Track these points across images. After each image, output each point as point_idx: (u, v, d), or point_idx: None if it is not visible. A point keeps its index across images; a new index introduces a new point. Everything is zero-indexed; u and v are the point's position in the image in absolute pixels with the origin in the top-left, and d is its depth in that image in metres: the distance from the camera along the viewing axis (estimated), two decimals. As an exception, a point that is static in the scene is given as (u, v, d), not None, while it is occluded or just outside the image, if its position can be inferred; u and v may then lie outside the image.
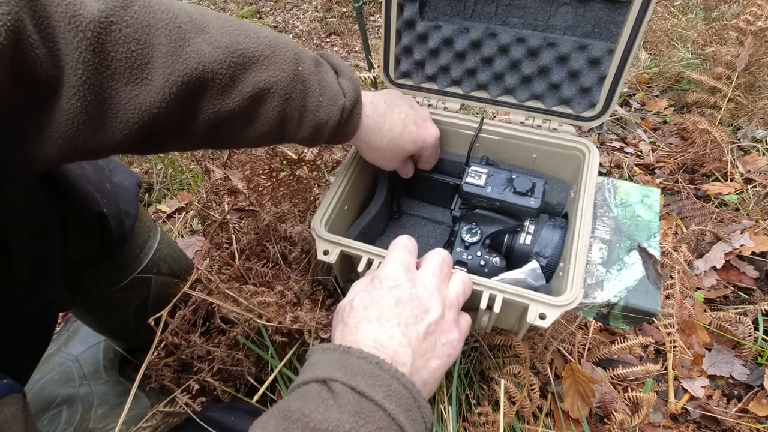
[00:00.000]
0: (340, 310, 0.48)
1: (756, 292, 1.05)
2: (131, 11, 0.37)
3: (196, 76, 0.41)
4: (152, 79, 0.38)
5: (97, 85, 0.35)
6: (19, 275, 0.51)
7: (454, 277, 0.52)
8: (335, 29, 2.39)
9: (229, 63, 0.43)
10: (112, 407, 0.80)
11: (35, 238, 0.53)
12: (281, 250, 0.80)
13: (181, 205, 1.36)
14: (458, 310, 0.50)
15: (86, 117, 0.36)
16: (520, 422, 0.76)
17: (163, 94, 0.39)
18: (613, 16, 0.63)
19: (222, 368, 0.75)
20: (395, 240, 0.54)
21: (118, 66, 0.36)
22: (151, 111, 0.38)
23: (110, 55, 0.36)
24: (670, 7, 1.99)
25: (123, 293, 0.74)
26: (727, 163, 1.31)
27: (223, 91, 0.44)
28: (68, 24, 0.33)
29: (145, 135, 0.40)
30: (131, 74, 0.37)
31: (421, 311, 0.45)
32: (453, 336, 0.46)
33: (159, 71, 0.38)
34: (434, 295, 0.46)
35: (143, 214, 0.76)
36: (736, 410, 0.88)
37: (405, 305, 0.45)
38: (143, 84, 0.38)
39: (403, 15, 0.73)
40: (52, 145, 0.35)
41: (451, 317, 0.47)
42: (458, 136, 0.79)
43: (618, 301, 0.58)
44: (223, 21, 0.45)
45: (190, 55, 0.40)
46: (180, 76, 0.39)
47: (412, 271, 0.49)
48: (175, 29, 0.40)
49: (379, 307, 0.44)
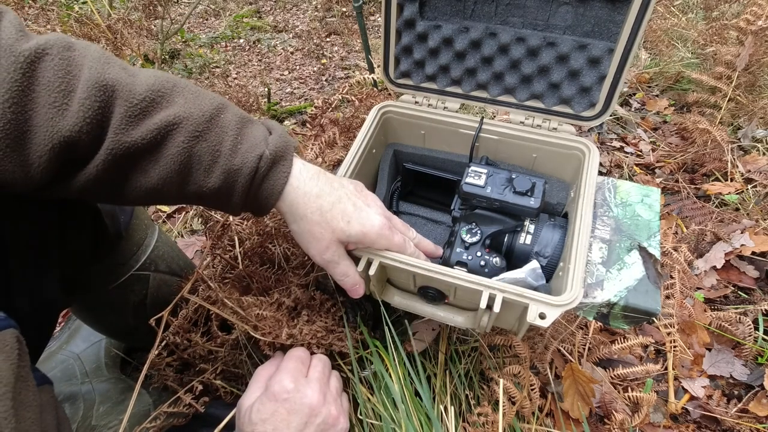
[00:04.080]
0: (241, 412, 0.57)
1: (756, 291, 1.05)
2: (68, 53, 0.41)
3: (111, 98, 0.42)
4: (71, 105, 0.40)
5: (20, 105, 0.38)
6: (17, 275, 0.51)
7: (332, 374, 0.64)
8: (335, 29, 2.39)
9: (144, 97, 0.44)
10: (114, 404, 0.80)
11: (33, 237, 0.53)
12: (284, 252, 0.80)
13: (181, 205, 1.36)
14: (338, 397, 0.61)
15: (4, 135, 0.38)
16: (520, 422, 0.76)
17: (77, 118, 0.40)
18: (613, 16, 0.63)
19: (224, 369, 0.75)
20: (290, 351, 0.64)
21: (42, 90, 0.39)
22: (64, 135, 0.40)
23: (38, 79, 0.39)
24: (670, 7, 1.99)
25: (121, 291, 0.74)
26: (727, 163, 1.31)
27: (130, 120, 0.43)
28: (4, 51, 0.37)
29: (59, 162, 0.41)
30: (54, 100, 0.40)
31: (311, 416, 0.55)
32: (341, 426, 0.58)
33: (78, 98, 0.40)
34: (319, 396, 0.56)
35: (140, 211, 0.76)
36: (736, 410, 0.88)
37: (296, 413, 0.54)
38: (62, 109, 0.40)
39: (403, 15, 0.72)
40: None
41: (336, 409, 0.58)
42: (458, 135, 0.79)
43: (618, 301, 0.58)
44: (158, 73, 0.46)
45: (108, 86, 0.42)
46: (96, 102, 0.41)
47: (300, 380, 0.58)
48: (104, 65, 0.42)
49: (274, 420, 0.54)
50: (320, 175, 0.56)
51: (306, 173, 0.54)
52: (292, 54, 2.27)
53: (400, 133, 0.84)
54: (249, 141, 0.50)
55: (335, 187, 0.56)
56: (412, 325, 0.86)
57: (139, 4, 1.96)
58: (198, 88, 0.49)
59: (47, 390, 0.44)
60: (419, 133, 0.82)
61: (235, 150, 0.49)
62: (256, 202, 0.53)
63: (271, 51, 2.30)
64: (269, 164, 0.51)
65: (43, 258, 0.55)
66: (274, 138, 0.52)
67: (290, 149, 0.53)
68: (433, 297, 0.66)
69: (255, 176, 0.50)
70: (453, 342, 0.87)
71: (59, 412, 0.44)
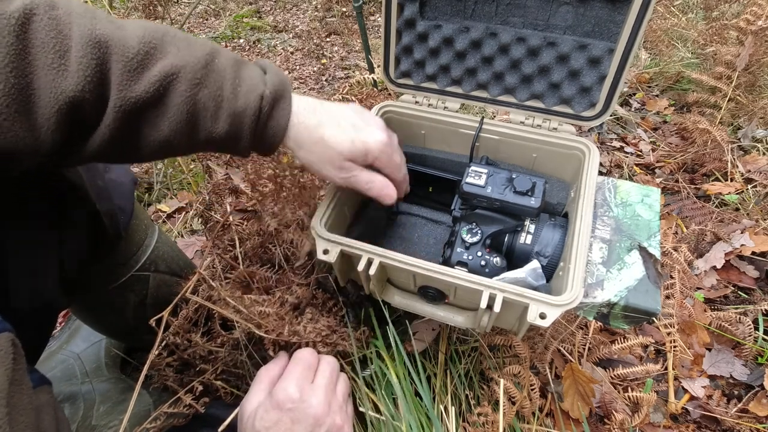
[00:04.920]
0: (244, 416, 0.57)
1: (756, 291, 1.05)
2: (54, 12, 0.40)
3: (106, 54, 0.42)
4: (70, 65, 0.40)
5: (20, 68, 0.38)
6: (16, 275, 0.51)
7: (339, 378, 0.63)
8: (335, 29, 2.39)
9: (139, 50, 0.44)
10: (115, 404, 0.80)
11: (32, 238, 0.53)
12: (284, 252, 0.80)
13: (180, 205, 1.36)
14: (344, 404, 0.60)
15: (10, 101, 0.38)
16: (520, 422, 0.76)
17: (78, 77, 0.40)
18: (614, 16, 0.63)
19: (225, 369, 0.75)
20: (297, 353, 0.63)
21: (38, 53, 0.39)
22: (68, 95, 0.40)
23: (32, 41, 0.39)
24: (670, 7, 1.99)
25: (121, 291, 0.74)
26: (727, 163, 1.31)
27: (130, 75, 0.44)
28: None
29: (65, 124, 0.41)
30: (50, 59, 0.39)
31: (315, 426, 0.54)
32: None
33: (74, 57, 0.40)
34: (324, 407, 0.56)
35: (140, 212, 0.76)
36: (736, 410, 0.88)
37: (300, 423, 0.54)
38: (61, 70, 0.40)
39: (403, 14, 0.72)
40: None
41: (341, 418, 0.57)
42: (458, 135, 0.79)
43: (618, 301, 0.58)
44: (144, 23, 0.46)
45: (102, 41, 0.42)
46: (94, 59, 0.41)
47: (306, 389, 0.57)
48: (91, 21, 0.42)
49: (277, 430, 0.54)
50: (318, 106, 0.58)
51: (305, 107, 0.56)
52: (292, 54, 2.27)
53: (401, 133, 0.83)
54: (247, 82, 0.51)
55: (334, 113, 0.58)
56: (412, 325, 0.86)
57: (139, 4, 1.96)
58: (186, 35, 0.49)
59: (46, 390, 0.44)
60: (419, 133, 0.82)
61: (236, 93, 0.50)
62: (264, 142, 0.54)
63: (271, 51, 2.30)
64: (271, 103, 0.52)
65: (43, 258, 0.55)
66: (270, 77, 0.53)
67: (288, 86, 0.55)
68: (433, 297, 0.66)
69: (259, 117, 0.52)
70: (453, 342, 0.87)
71: (58, 413, 0.44)
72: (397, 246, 0.84)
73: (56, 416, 0.43)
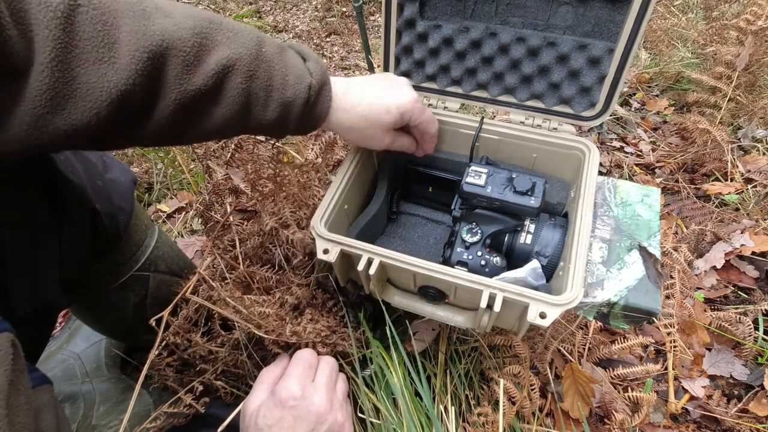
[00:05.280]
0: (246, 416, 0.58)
1: (756, 291, 1.05)
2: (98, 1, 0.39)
3: (161, 52, 0.42)
4: (119, 57, 0.39)
5: (65, 62, 0.37)
6: (16, 276, 0.51)
7: (339, 377, 0.64)
8: (335, 29, 2.39)
9: (192, 42, 0.44)
10: (115, 404, 0.80)
11: (32, 238, 0.53)
12: (284, 252, 0.80)
13: (180, 205, 1.36)
14: (344, 402, 0.62)
15: (54, 94, 0.37)
16: (520, 422, 0.76)
17: (130, 71, 0.40)
18: (613, 16, 0.63)
19: (225, 369, 0.75)
20: (297, 353, 0.64)
21: (85, 45, 0.38)
22: (119, 88, 0.39)
23: (78, 34, 0.38)
24: (670, 7, 1.99)
25: (121, 291, 0.74)
26: (727, 163, 1.31)
27: (188, 69, 0.44)
28: (39, 4, 0.35)
29: (114, 115, 0.41)
30: (98, 53, 0.39)
31: (317, 423, 0.55)
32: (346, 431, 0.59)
33: (125, 49, 0.40)
34: (326, 404, 0.57)
35: (140, 212, 0.76)
36: (736, 410, 0.88)
37: (303, 421, 0.55)
38: (110, 62, 0.39)
39: (403, 14, 0.72)
40: (20, 124, 0.36)
41: (342, 415, 0.58)
42: (458, 135, 0.79)
43: (618, 300, 0.58)
44: (187, 9, 0.46)
45: (155, 32, 0.41)
46: (145, 51, 0.41)
47: (307, 387, 0.58)
48: (140, 11, 0.42)
49: (280, 427, 0.54)
50: (351, 86, 0.61)
51: (342, 89, 0.60)
52: (292, 54, 2.26)
53: (401, 133, 0.84)
54: (293, 72, 0.53)
55: (368, 89, 0.62)
56: (412, 325, 0.86)
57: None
58: (228, 20, 0.49)
59: (47, 390, 0.44)
60: (419, 133, 0.82)
61: (285, 83, 0.52)
62: (306, 126, 0.58)
63: (271, 51, 2.30)
64: (317, 92, 0.55)
65: (42, 258, 0.55)
66: (312, 65, 0.55)
67: (327, 73, 0.57)
68: (433, 296, 0.66)
69: (307, 105, 0.54)
70: (453, 342, 0.87)
71: (59, 413, 0.44)
72: (397, 246, 0.84)
73: (57, 416, 0.43)
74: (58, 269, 0.58)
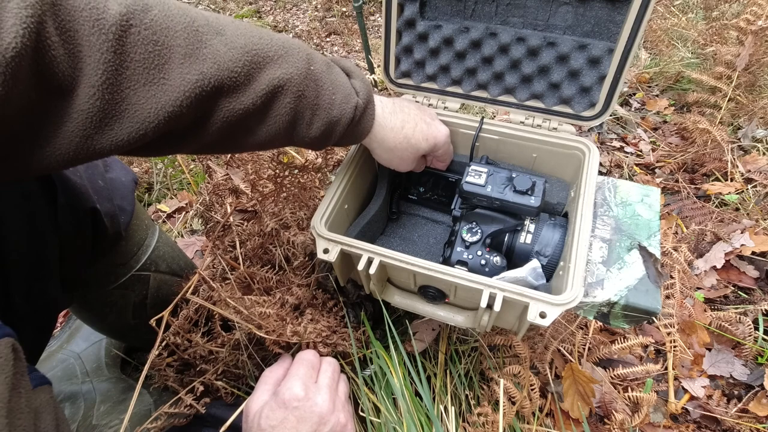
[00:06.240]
0: (249, 416, 0.58)
1: (756, 291, 1.05)
2: (150, 14, 0.38)
3: (212, 77, 0.41)
4: (169, 79, 0.39)
5: (116, 84, 0.36)
6: (16, 276, 0.51)
7: (341, 378, 0.65)
8: (335, 29, 2.39)
9: (244, 62, 0.44)
10: (115, 404, 0.80)
11: (32, 239, 0.53)
12: (285, 253, 0.80)
13: (181, 205, 1.36)
14: (346, 403, 0.62)
15: (104, 116, 0.36)
16: (520, 422, 0.76)
17: (180, 94, 0.39)
18: (613, 16, 0.63)
19: (225, 369, 0.75)
20: (299, 354, 0.64)
21: (136, 67, 0.37)
22: (167, 110, 0.39)
23: (129, 56, 0.37)
24: (670, 7, 1.99)
25: (121, 291, 0.74)
26: (727, 163, 1.31)
27: (238, 90, 0.44)
28: (92, 27, 0.34)
29: (160, 135, 0.40)
30: (149, 74, 0.38)
31: (320, 424, 0.56)
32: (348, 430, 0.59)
33: (176, 71, 0.39)
34: (329, 405, 0.57)
35: (141, 212, 0.76)
36: (736, 410, 0.88)
37: (306, 421, 0.55)
38: (160, 84, 0.38)
39: (403, 15, 0.73)
40: (69, 144, 0.35)
41: (345, 416, 0.59)
42: (458, 135, 0.79)
43: (618, 300, 0.58)
44: (237, 24, 0.46)
45: (207, 57, 0.41)
46: (196, 75, 0.40)
47: (310, 388, 0.58)
48: (193, 32, 0.41)
49: (283, 428, 0.55)
50: (395, 108, 0.64)
51: (385, 110, 0.62)
52: (292, 54, 2.26)
53: (401, 133, 0.84)
54: (340, 91, 0.53)
55: (408, 113, 0.65)
56: (412, 324, 0.86)
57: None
58: (276, 34, 0.49)
59: (46, 390, 0.44)
60: (419, 132, 0.82)
61: (332, 103, 0.53)
62: (347, 141, 0.60)
63: (271, 51, 2.30)
64: (362, 111, 0.57)
65: (43, 259, 0.55)
66: (358, 83, 0.56)
67: (371, 92, 0.59)
68: (433, 296, 0.66)
69: (351, 123, 0.56)
70: (453, 342, 0.87)
71: (58, 413, 0.44)
72: (397, 245, 0.84)
73: (56, 416, 0.43)
74: (58, 269, 0.58)
